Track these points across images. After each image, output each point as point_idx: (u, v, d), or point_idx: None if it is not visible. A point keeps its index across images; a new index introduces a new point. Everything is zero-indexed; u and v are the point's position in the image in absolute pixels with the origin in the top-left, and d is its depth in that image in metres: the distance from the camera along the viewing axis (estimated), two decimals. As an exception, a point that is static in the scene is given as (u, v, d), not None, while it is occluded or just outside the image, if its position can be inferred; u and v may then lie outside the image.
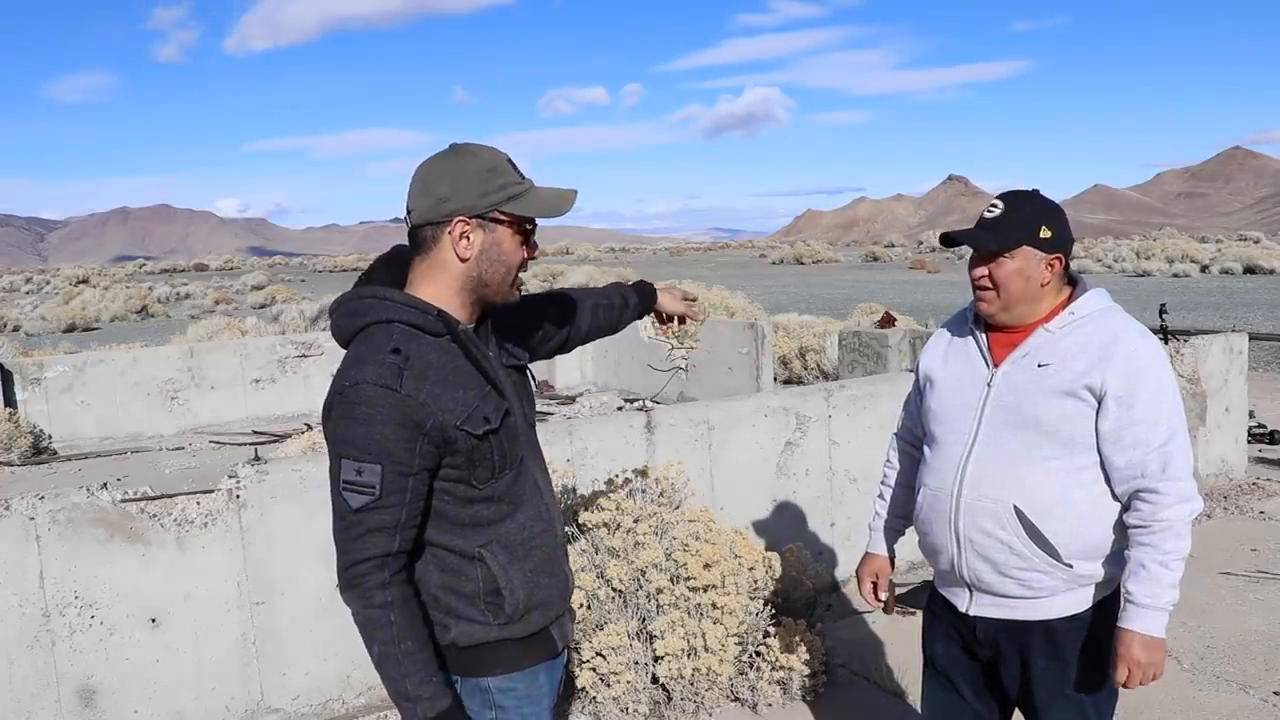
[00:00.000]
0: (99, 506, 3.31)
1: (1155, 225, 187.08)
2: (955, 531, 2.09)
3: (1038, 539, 2.01)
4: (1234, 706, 3.51)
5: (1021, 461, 2.03)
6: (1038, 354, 2.05)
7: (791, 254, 52.78)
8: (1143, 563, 1.99)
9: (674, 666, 3.38)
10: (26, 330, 24.30)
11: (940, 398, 2.19)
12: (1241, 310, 18.71)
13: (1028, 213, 2.05)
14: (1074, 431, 2.00)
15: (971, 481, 2.07)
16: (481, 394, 1.70)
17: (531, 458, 1.85)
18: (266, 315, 20.57)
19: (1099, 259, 38.53)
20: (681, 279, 14.69)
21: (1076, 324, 2.05)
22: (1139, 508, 2.00)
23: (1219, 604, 4.45)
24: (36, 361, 10.19)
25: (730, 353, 9.65)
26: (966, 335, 2.20)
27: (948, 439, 2.14)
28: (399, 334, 1.66)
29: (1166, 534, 1.98)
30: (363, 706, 3.65)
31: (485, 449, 1.69)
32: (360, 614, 1.65)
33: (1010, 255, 2.03)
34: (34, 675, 3.24)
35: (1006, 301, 2.06)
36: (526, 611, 1.77)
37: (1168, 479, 1.98)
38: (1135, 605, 1.99)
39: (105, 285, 40.26)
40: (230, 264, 72.07)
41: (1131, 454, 1.98)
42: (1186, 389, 6.11)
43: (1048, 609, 2.07)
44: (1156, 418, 1.97)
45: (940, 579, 2.26)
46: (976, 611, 2.14)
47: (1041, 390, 2.02)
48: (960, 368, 2.17)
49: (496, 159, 1.72)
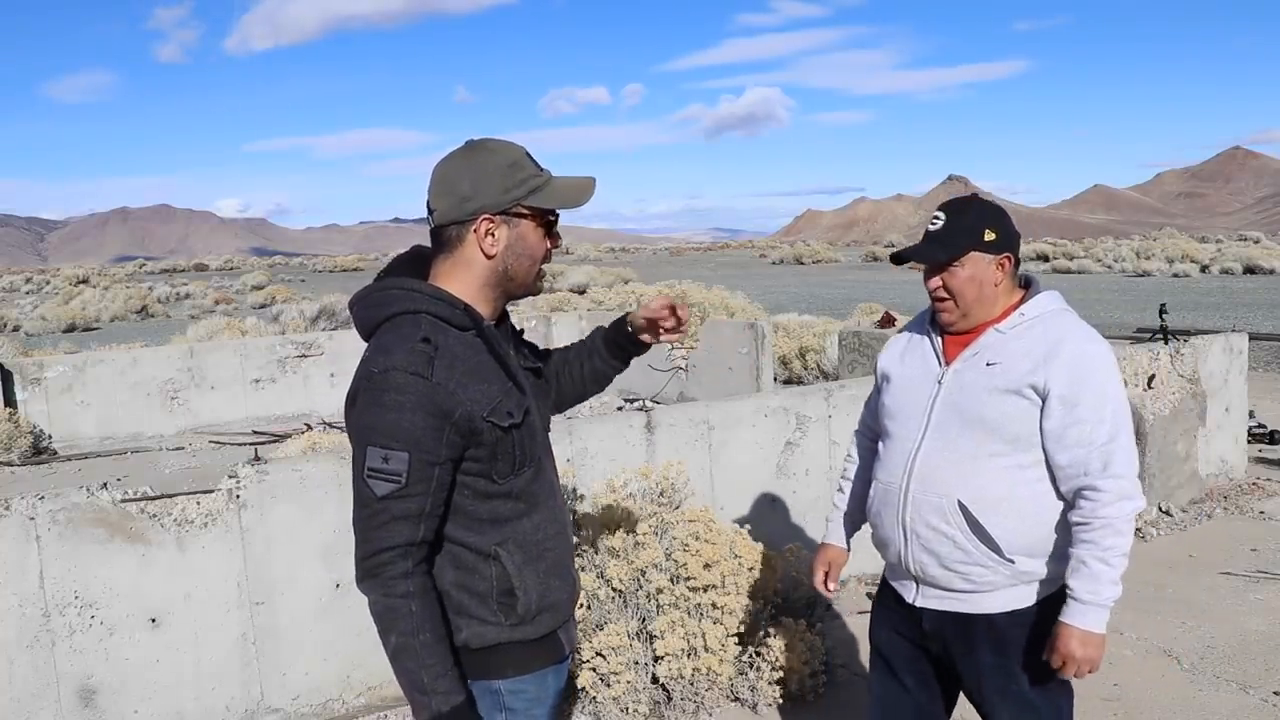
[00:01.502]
0: (99, 506, 3.31)
1: (1155, 225, 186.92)
2: (903, 524, 2.15)
3: (981, 534, 2.06)
4: (1234, 706, 3.51)
5: (968, 458, 2.08)
6: (987, 353, 2.11)
7: (791, 254, 52.80)
8: (1084, 560, 2.02)
9: (674, 666, 3.38)
10: (26, 330, 24.30)
11: (894, 395, 2.26)
12: (1241, 310, 18.70)
13: (970, 219, 2.12)
14: (1019, 430, 2.05)
15: (919, 476, 2.13)
16: (504, 389, 1.69)
17: (547, 459, 1.85)
18: (266, 315, 20.58)
19: (1099, 259, 38.52)
20: (681, 279, 14.68)
21: (1026, 325, 2.10)
22: (1081, 505, 2.04)
23: (1219, 604, 4.45)
24: (36, 361, 10.19)
25: (730, 353, 9.65)
26: (923, 335, 2.27)
27: (899, 435, 2.21)
28: (427, 324, 1.65)
29: (1107, 530, 2.01)
30: (363, 706, 3.65)
31: (508, 443, 1.68)
32: (379, 604, 1.61)
33: (960, 263, 2.09)
34: (34, 675, 3.24)
35: (965, 308, 2.13)
36: (538, 613, 1.76)
37: (1109, 477, 2.01)
38: (1076, 601, 2.03)
39: (105, 285, 40.28)
40: (230, 264, 72.08)
41: (1074, 452, 2.02)
42: (1186, 389, 6.12)
43: (990, 603, 2.11)
44: (1100, 417, 2.02)
45: (890, 570, 2.31)
46: (923, 603, 2.19)
47: (988, 388, 2.07)
48: (915, 366, 2.24)
49: (515, 153, 1.73)
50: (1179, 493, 5.99)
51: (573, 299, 16.39)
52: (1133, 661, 3.91)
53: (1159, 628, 4.21)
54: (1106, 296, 23.25)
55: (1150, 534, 5.47)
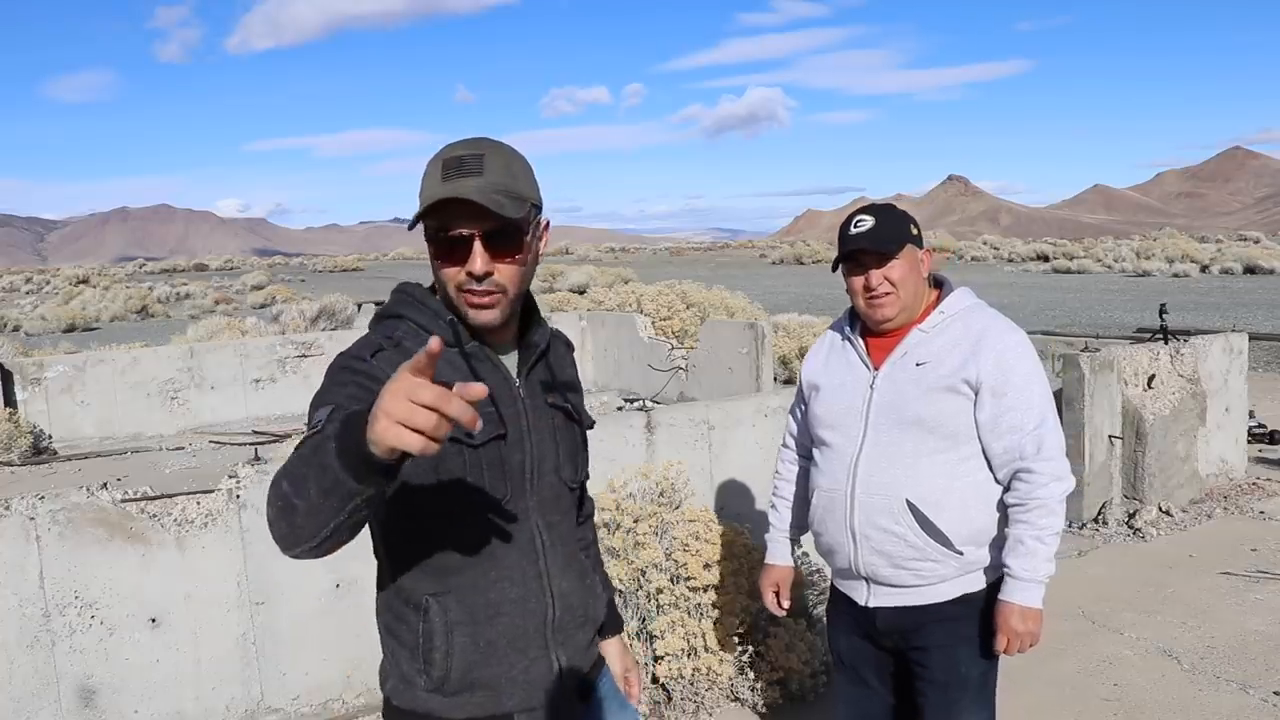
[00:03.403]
0: (99, 506, 3.31)
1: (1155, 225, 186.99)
2: (851, 529, 2.18)
3: (930, 530, 2.11)
4: (1234, 706, 3.51)
5: (909, 457, 2.12)
6: (914, 353, 2.16)
7: (791, 254, 52.80)
8: (1021, 539, 2.10)
9: (674, 666, 3.38)
10: (26, 330, 24.30)
11: (826, 404, 2.28)
12: (1241, 310, 18.70)
13: (896, 215, 2.19)
14: (956, 425, 2.11)
15: (863, 479, 2.16)
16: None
17: (543, 520, 1.58)
18: (266, 315, 20.57)
19: (1099, 259, 38.51)
20: (681, 279, 14.68)
21: (946, 322, 2.17)
22: (1017, 488, 2.12)
23: (1219, 604, 4.45)
24: (36, 361, 10.19)
25: (730, 353, 9.65)
26: (844, 342, 2.32)
27: (837, 442, 2.23)
28: (404, 330, 1.52)
29: (1041, 510, 2.08)
30: (363, 706, 3.65)
31: (459, 461, 1.47)
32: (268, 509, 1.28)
33: (899, 257, 2.15)
34: (34, 675, 3.24)
35: (905, 299, 2.16)
36: (464, 689, 1.51)
37: (1042, 459, 2.09)
38: (1014, 579, 2.10)
39: (105, 285, 40.27)
40: (230, 264, 72.09)
41: (1008, 439, 2.10)
42: (1186, 389, 6.12)
43: (940, 594, 2.16)
44: (1029, 404, 2.10)
45: (838, 575, 2.33)
46: (875, 603, 2.22)
47: (921, 387, 2.12)
48: (842, 373, 2.27)
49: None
50: (1179, 493, 5.99)
51: (573, 299, 16.40)
52: (1133, 661, 3.91)
53: (1159, 628, 4.21)
54: (1106, 296, 23.25)
55: (1150, 534, 5.47)
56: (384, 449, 1.10)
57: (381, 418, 1.07)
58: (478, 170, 1.44)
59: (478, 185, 1.42)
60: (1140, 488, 5.81)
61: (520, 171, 1.49)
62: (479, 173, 1.43)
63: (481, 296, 1.47)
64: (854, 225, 2.17)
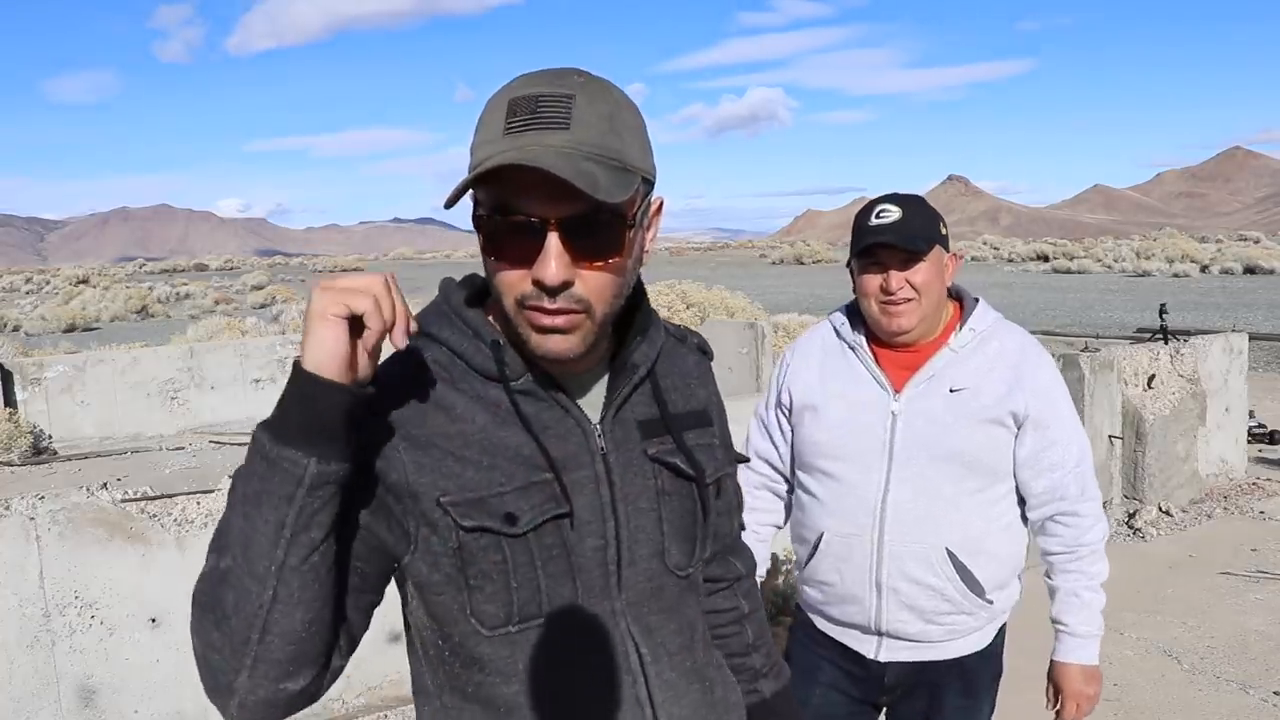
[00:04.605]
0: (99, 506, 3.31)
1: (1155, 225, 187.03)
2: (876, 582, 1.85)
3: (969, 580, 1.83)
4: (1234, 706, 3.51)
5: (948, 498, 1.81)
6: (945, 376, 1.83)
7: (792, 254, 52.86)
8: (1076, 592, 1.88)
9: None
10: (26, 330, 24.32)
11: (829, 430, 1.89)
12: (1241, 310, 18.72)
13: (927, 210, 1.83)
14: (996, 460, 1.83)
15: (895, 524, 1.82)
16: (519, 476, 1.00)
17: (638, 625, 1.07)
18: (266, 315, 20.59)
19: (1099, 259, 38.56)
20: (681, 279, 14.69)
21: (979, 340, 1.85)
22: (1060, 533, 1.88)
23: (1219, 604, 4.45)
24: (36, 361, 10.20)
25: (730, 353, 9.65)
26: (845, 354, 1.93)
27: (850, 476, 1.86)
28: (430, 358, 1.04)
29: (1094, 558, 1.88)
30: (363, 706, 3.65)
31: (489, 553, 0.99)
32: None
33: (926, 259, 1.79)
34: (34, 675, 3.24)
35: (927, 309, 1.81)
36: None
37: (1086, 500, 1.87)
38: (1073, 636, 1.89)
39: (105, 285, 40.30)
40: (230, 264, 72.13)
41: (1050, 477, 1.84)
42: (1186, 389, 6.12)
43: (964, 646, 1.91)
44: (1070, 437, 1.86)
45: (838, 625, 1.97)
46: (888, 657, 1.91)
47: (962, 419, 1.80)
48: (849, 392, 1.89)
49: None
50: (1179, 493, 5.99)
51: (573, 299, 16.40)
52: (1133, 661, 3.91)
53: (1159, 628, 4.22)
54: (1106, 296, 23.26)
55: (1150, 534, 5.48)
56: (327, 350, 0.86)
57: (313, 318, 0.87)
58: (562, 120, 0.93)
59: (561, 145, 0.92)
60: (1140, 488, 5.81)
61: (628, 126, 0.98)
62: (563, 124, 0.93)
63: (554, 316, 0.96)
64: (877, 215, 1.81)
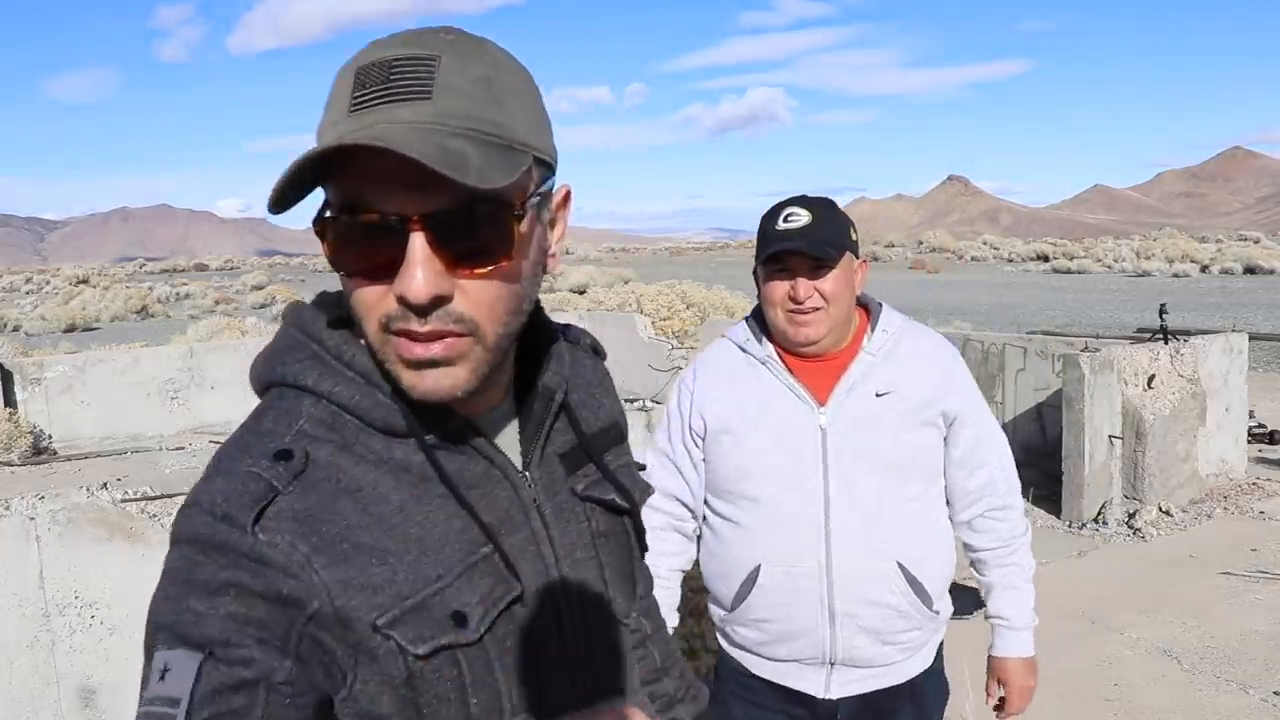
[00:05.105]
0: (99, 506, 3.31)
1: (1155, 225, 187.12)
2: (829, 609, 1.73)
3: (920, 592, 1.75)
4: (1234, 706, 3.51)
5: (889, 509, 1.73)
6: (868, 382, 1.75)
7: (791, 254, 52.80)
8: (1013, 585, 1.84)
9: (674, 666, 3.38)
10: (26, 330, 24.33)
11: (755, 451, 1.76)
12: (1241, 310, 18.72)
13: (837, 214, 1.75)
14: (931, 462, 1.78)
15: (844, 545, 1.71)
16: (460, 565, 0.80)
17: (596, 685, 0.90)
18: (266, 315, 20.60)
19: (1099, 259, 38.57)
20: (681, 279, 14.70)
21: (893, 341, 1.79)
22: (993, 528, 1.83)
23: (1219, 604, 4.45)
24: (36, 361, 10.20)
25: (730, 353, 9.66)
26: (756, 370, 1.81)
27: (784, 501, 1.74)
28: (310, 417, 0.83)
29: (1024, 550, 1.85)
30: None
31: (442, 674, 0.78)
32: None
33: (837, 266, 1.71)
34: (34, 675, 3.24)
35: (835, 319, 1.73)
36: None
37: (1013, 494, 1.85)
38: (1012, 629, 1.85)
39: (105, 285, 40.30)
40: (230, 264, 72.12)
41: (981, 473, 1.81)
42: (1186, 389, 6.12)
43: (916, 665, 1.83)
44: (994, 432, 1.84)
45: (774, 662, 1.83)
46: (840, 693, 1.78)
47: (892, 423, 1.73)
48: (770, 410, 1.77)
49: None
50: (1179, 493, 5.99)
51: (573, 299, 16.41)
52: (1133, 661, 3.91)
53: (1159, 628, 4.22)
54: (1106, 296, 23.28)
55: (1150, 534, 5.47)
56: None
57: None
58: (421, 89, 0.70)
59: (419, 119, 0.69)
60: (1140, 488, 5.81)
61: (512, 91, 0.74)
62: (423, 93, 0.70)
63: (429, 343, 0.73)
64: (784, 219, 1.71)
